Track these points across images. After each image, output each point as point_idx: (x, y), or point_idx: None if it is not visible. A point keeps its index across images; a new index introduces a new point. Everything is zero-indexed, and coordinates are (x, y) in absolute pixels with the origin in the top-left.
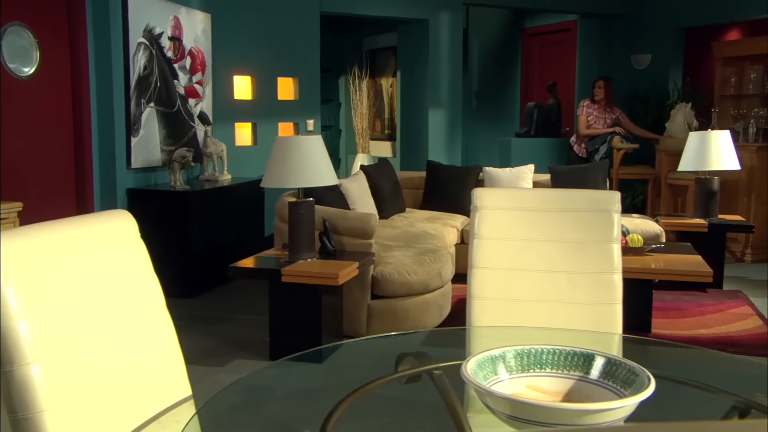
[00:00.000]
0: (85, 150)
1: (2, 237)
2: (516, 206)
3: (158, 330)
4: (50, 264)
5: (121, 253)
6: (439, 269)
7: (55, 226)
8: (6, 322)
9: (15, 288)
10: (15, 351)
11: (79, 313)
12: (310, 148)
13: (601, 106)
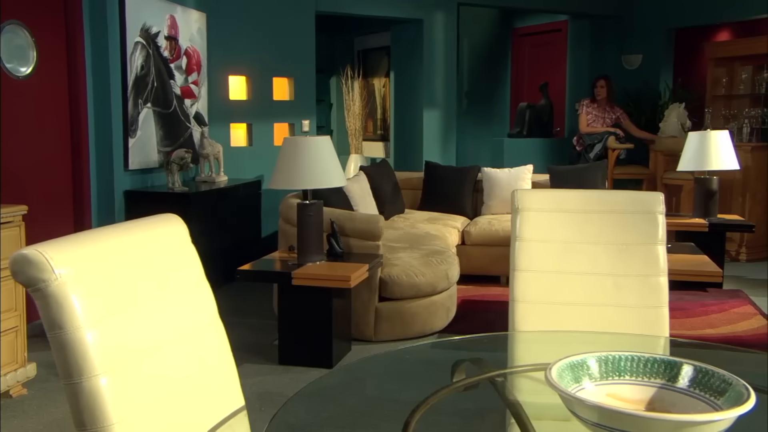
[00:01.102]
0: (82, 151)
1: (63, 244)
2: (559, 208)
3: (213, 338)
4: (111, 271)
5: (176, 259)
6: (446, 270)
7: (111, 232)
8: (74, 332)
9: (80, 296)
10: (83, 362)
11: (140, 322)
12: (318, 148)
13: (601, 105)
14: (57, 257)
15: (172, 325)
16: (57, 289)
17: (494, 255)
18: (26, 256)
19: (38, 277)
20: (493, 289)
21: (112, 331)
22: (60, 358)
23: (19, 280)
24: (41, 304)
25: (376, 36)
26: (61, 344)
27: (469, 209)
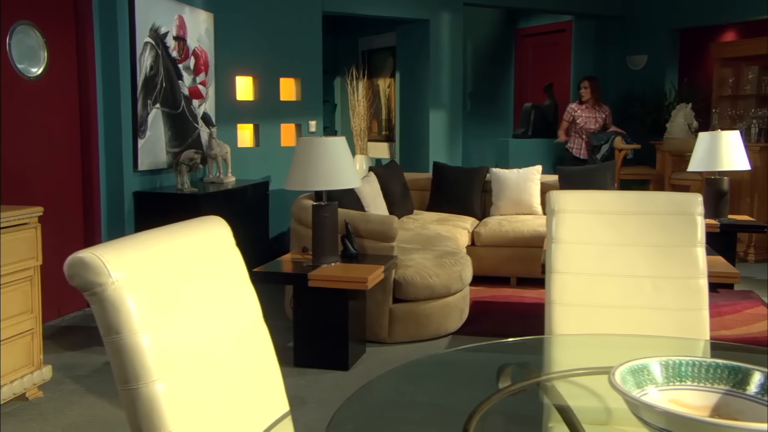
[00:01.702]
0: (91, 152)
1: (115, 247)
2: (596, 209)
3: (260, 341)
4: (163, 275)
5: (223, 261)
6: (459, 272)
7: (160, 235)
8: (130, 337)
9: (135, 300)
10: (141, 368)
11: (192, 326)
12: (334, 149)
13: (589, 106)
14: (113, 261)
15: (222, 328)
16: (113, 293)
17: (504, 256)
18: (83, 260)
19: (95, 281)
20: (504, 290)
21: (167, 335)
22: (117, 363)
23: (74, 284)
24: (97, 309)
25: (380, 36)
26: (118, 349)
27: (477, 210)
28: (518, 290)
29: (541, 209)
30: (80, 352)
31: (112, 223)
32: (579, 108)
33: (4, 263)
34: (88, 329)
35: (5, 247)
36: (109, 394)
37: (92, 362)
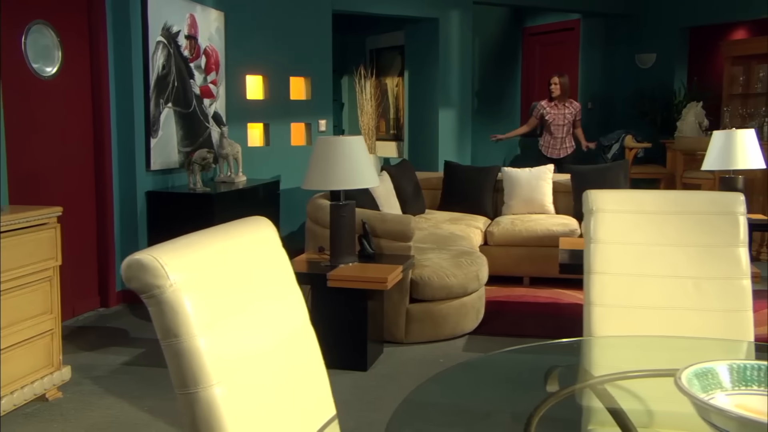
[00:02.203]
0: (105, 152)
1: (170, 249)
2: (636, 209)
3: (308, 344)
4: (216, 277)
5: (272, 263)
6: (476, 271)
7: (210, 236)
8: (189, 340)
9: (193, 303)
10: (199, 372)
11: (246, 329)
12: (352, 149)
13: (560, 101)
14: (170, 263)
15: (274, 331)
16: (172, 296)
17: (517, 255)
18: (140, 262)
19: (153, 284)
20: (517, 290)
21: (224, 338)
22: (175, 367)
23: (132, 286)
24: (155, 312)
25: (388, 35)
26: (177, 353)
27: (489, 209)
28: (532, 290)
29: (553, 208)
30: (96, 353)
31: (125, 223)
32: (548, 105)
33: (24, 263)
34: (102, 329)
35: (25, 247)
36: (128, 396)
37: (109, 363)
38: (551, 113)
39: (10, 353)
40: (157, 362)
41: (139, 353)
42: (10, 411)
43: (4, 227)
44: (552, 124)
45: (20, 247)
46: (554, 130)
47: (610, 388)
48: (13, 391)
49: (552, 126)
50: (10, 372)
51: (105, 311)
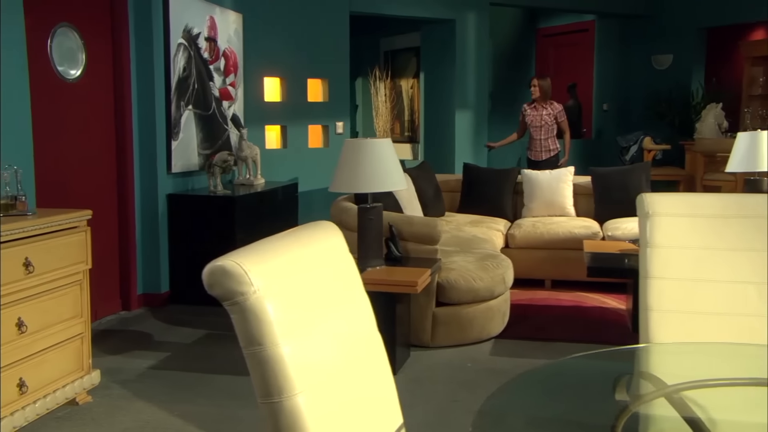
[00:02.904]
0: (126, 154)
1: (250, 254)
2: (694, 213)
3: (377, 351)
4: (294, 284)
5: (342, 269)
6: (502, 274)
7: (283, 241)
8: (273, 348)
9: (275, 310)
10: (284, 381)
11: (324, 336)
12: (380, 151)
13: (539, 104)
14: (253, 269)
15: (348, 338)
16: (255, 303)
17: (539, 258)
18: (224, 268)
19: (237, 290)
20: (539, 293)
21: (304, 346)
22: (258, 375)
23: (214, 293)
24: (238, 319)
25: (403, 37)
26: (261, 361)
27: (509, 212)
28: (554, 293)
29: (574, 211)
30: (121, 357)
31: (146, 226)
32: (528, 107)
33: (55, 267)
34: (125, 333)
35: (57, 251)
36: (158, 400)
37: (135, 367)
38: (531, 115)
39: (42, 357)
40: (184, 366)
41: (165, 357)
42: (43, 414)
43: (35, 231)
44: (531, 126)
45: (52, 251)
46: (533, 133)
47: (687, 396)
48: (46, 395)
49: (531, 128)
50: (43, 376)
51: (126, 314)
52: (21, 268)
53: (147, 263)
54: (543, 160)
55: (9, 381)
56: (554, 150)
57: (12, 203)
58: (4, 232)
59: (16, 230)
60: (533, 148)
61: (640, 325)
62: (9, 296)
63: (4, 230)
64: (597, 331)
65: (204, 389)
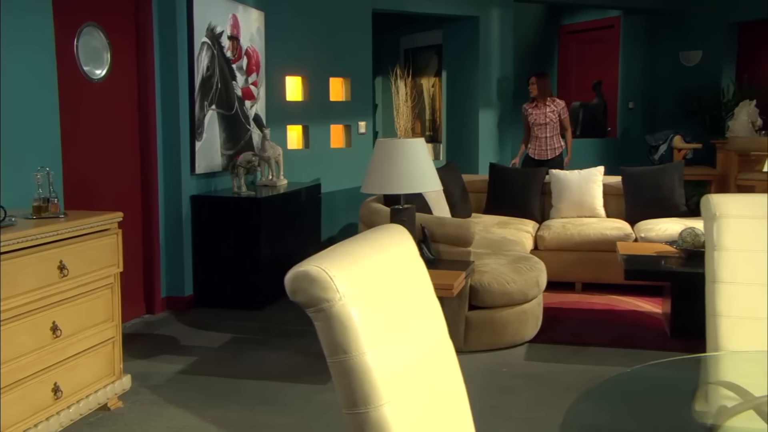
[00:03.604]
0: (150, 155)
1: (331, 259)
2: (763, 214)
3: (451, 358)
4: (374, 290)
5: (415, 274)
6: (536, 277)
7: (361, 246)
8: (359, 357)
9: (360, 317)
10: (370, 390)
11: (404, 343)
12: (414, 151)
13: (540, 102)
14: (338, 275)
15: (425, 345)
16: (341, 310)
17: (569, 260)
18: (309, 274)
19: (322, 297)
20: (570, 296)
21: (389, 354)
22: (344, 385)
23: (298, 299)
24: (323, 327)
25: (424, 34)
26: (347, 370)
27: (537, 213)
28: (585, 296)
29: (604, 212)
30: (149, 361)
31: (170, 228)
32: (530, 106)
33: (87, 270)
34: (151, 337)
35: (89, 254)
36: (189, 405)
37: (164, 371)
38: (533, 114)
39: (76, 361)
40: (212, 371)
41: (193, 361)
42: (77, 420)
43: (70, 233)
44: (534, 124)
45: (84, 253)
46: (537, 131)
47: None
48: (79, 400)
49: (534, 127)
50: (77, 380)
51: (150, 318)
52: (56, 272)
53: (171, 266)
54: (549, 159)
55: (44, 386)
56: (559, 148)
57: (44, 205)
58: (39, 234)
59: (51, 233)
60: (538, 147)
61: (708, 332)
62: (44, 300)
63: (40, 233)
64: (633, 335)
65: (235, 395)
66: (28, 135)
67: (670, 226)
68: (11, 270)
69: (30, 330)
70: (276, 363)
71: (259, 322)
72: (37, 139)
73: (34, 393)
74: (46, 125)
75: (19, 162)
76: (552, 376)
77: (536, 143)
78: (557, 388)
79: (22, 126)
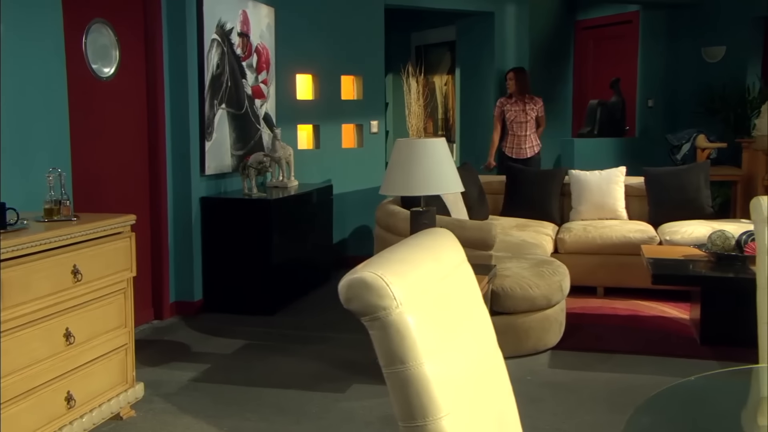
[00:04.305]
0: (159, 155)
1: (384, 265)
2: None
3: (500, 368)
4: (429, 297)
5: (465, 281)
6: (559, 282)
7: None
8: (417, 368)
9: (417, 326)
10: (429, 403)
11: (460, 353)
12: (435, 151)
13: (518, 99)
14: (394, 281)
15: (479, 354)
16: (398, 318)
17: (590, 264)
18: (364, 280)
19: (378, 305)
20: (592, 301)
21: (446, 365)
22: (401, 397)
23: (352, 307)
24: (379, 336)
25: (436, 31)
26: (404, 382)
27: (556, 215)
28: (608, 301)
29: (626, 213)
30: (160, 368)
31: (179, 231)
32: (507, 102)
33: (101, 275)
34: (161, 343)
35: (102, 258)
36: (204, 415)
37: (176, 379)
38: (511, 110)
39: (89, 369)
40: (226, 378)
41: (205, 369)
42: (89, 430)
43: (83, 237)
44: (513, 122)
45: (97, 258)
46: (516, 129)
47: None
48: (92, 409)
49: (514, 124)
50: (90, 389)
51: (159, 324)
52: (70, 276)
53: (179, 270)
54: (529, 157)
55: (57, 394)
56: (537, 146)
57: (56, 208)
58: (53, 238)
59: (65, 236)
60: (517, 145)
61: (759, 341)
62: (58, 305)
63: (54, 236)
64: (660, 342)
65: (250, 403)
66: (37, 135)
67: (696, 229)
68: (25, 275)
69: (43, 337)
70: (292, 370)
71: (272, 328)
72: (47, 140)
73: (47, 402)
74: (56, 125)
75: (28, 162)
76: (578, 385)
77: (515, 141)
78: (584, 397)
79: (30, 125)
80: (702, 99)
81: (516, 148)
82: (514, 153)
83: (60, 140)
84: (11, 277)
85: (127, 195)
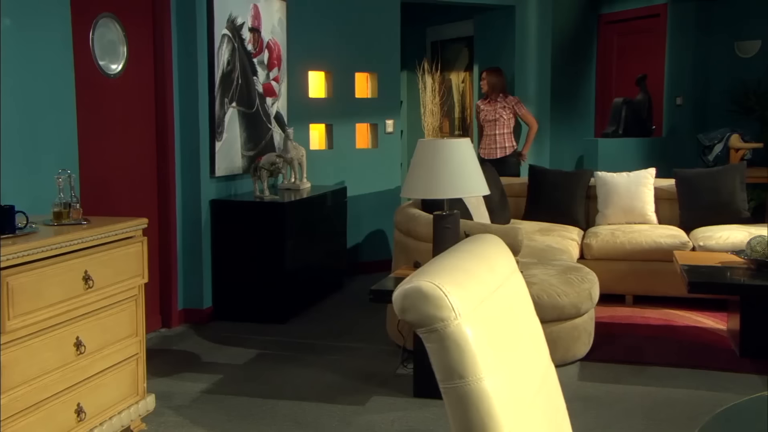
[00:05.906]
0: (168, 157)
1: (442, 275)
2: None
3: (554, 382)
4: (486, 308)
5: (519, 291)
6: (588, 289)
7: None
8: (477, 383)
9: (475, 338)
10: (489, 420)
11: (519, 366)
12: (459, 152)
13: (491, 99)
14: (453, 291)
15: (536, 367)
16: (456, 330)
17: (618, 271)
18: (421, 290)
19: (436, 316)
20: (621, 309)
21: (505, 380)
22: (459, 414)
23: (408, 318)
24: (435, 348)
25: (453, 26)
26: (463, 397)
27: (581, 219)
28: (638, 310)
29: (655, 217)
30: (171, 380)
31: (188, 235)
32: (482, 103)
33: (114, 281)
34: (170, 353)
35: (113, 263)
36: (219, 429)
37: (187, 390)
38: (483, 110)
39: (99, 380)
40: (239, 390)
41: (217, 380)
42: None
43: (94, 241)
44: (484, 121)
45: (109, 263)
46: (487, 128)
47: None
48: (103, 422)
49: (485, 123)
50: (100, 401)
51: (167, 332)
52: (81, 283)
53: (188, 276)
54: (498, 158)
55: (67, 406)
56: (510, 147)
57: (66, 211)
58: (64, 243)
59: (76, 241)
60: (487, 145)
61: None
62: (69, 313)
63: (64, 241)
64: (696, 354)
65: (266, 416)
66: (44, 134)
67: (732, 234)
68: (36, 281)
69: (54, 346)
70: (308, 381)
71: (285, 337)
72: (54, 139)
73: (56, 414)
74: (63, 124)
75: (35, 164)
76: (611, 399)
77: (486, 141)
78: (618, 412)
79: (37, 125)
80: (735, 96)
81: (486, 149)
82: (486, 153)
83: (68, 140)
84: (23, 284)
85: (134, 197)
